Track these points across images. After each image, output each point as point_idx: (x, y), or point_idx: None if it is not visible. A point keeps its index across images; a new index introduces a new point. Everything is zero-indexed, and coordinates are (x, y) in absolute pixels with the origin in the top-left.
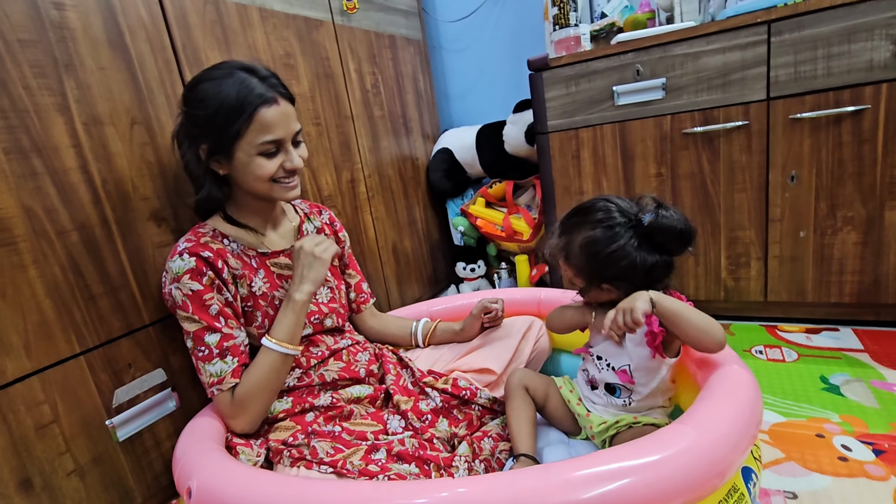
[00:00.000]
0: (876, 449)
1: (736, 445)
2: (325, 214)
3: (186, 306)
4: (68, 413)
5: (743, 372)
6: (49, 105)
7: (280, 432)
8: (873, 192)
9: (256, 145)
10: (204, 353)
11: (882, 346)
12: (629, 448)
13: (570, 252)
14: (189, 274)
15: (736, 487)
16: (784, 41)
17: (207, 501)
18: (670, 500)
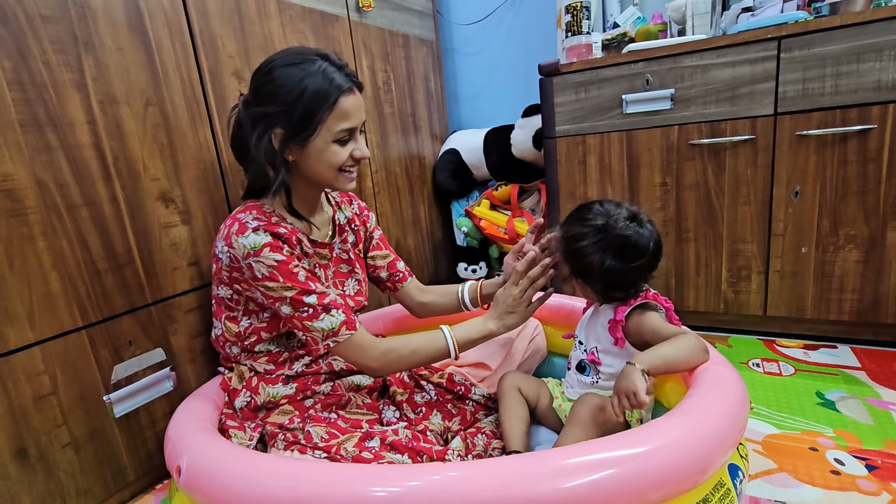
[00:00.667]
0: (869, 464)
1: (721, 442)
2: (354, 204)
3: (276, 276)
4: (67, 385)
5: (729, 372)
6: (67, 81)
7: (278, 416)
8: (876, 211)
9: (335, 132)
10: (308, 312)
11: (879, 365)
12: (617, 439)
13: (561, 243)
14: (268, 247)
15: (723, 482)
16: (793, 58)
17: (196, 480)
18: (654, 492)
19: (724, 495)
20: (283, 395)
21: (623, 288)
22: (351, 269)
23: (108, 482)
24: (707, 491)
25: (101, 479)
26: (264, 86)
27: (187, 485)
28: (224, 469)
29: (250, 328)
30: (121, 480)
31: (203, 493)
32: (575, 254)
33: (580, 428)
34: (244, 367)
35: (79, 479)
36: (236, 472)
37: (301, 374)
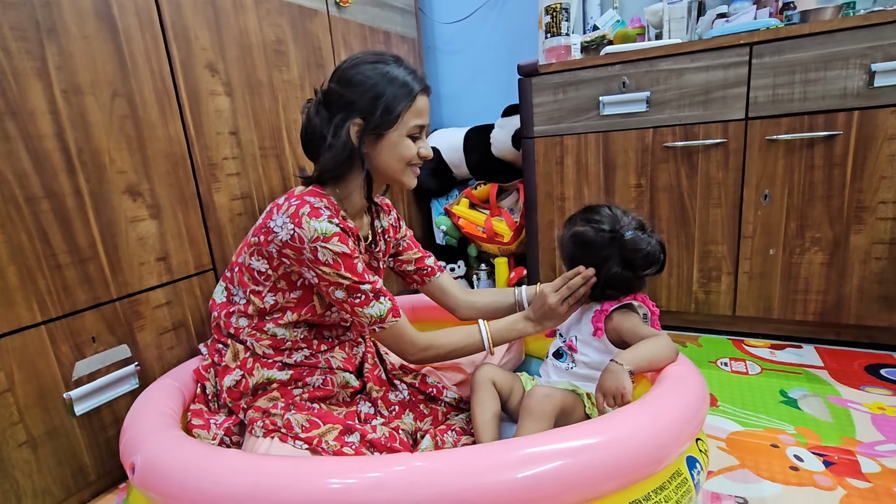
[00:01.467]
0: (826, 461)
1: (676, 435)
2: (392, 214)
3: (338, 265)
4: (24, 382)
5: (690, 370)
6: (28, 69)
7: (263, 402)
8: (841, 215)
9: (409, 127)
10: (360, 299)
11: (840, 364)
12: (576, 429)
13: (565, 238)
14: (338, 237)
15: (680, 472)
16: (765, 63)
17: (152, 479)
18: (609, 481)
19: (681, 484)
20: (276, 379)
21: (622, 291)
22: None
23: (67, 481)
24: (664, 479)
25: (61, 478)
26: (349, 78)
27: (142, 483)
28: (179, 467)
29: (277, 306)
30: (81, 480)
31: (158, 492)
32: (580, 255)
33: (532, 420)
34: (241, 345)
35: (36, 479)
36: (191, 469)
37: (298, 365)
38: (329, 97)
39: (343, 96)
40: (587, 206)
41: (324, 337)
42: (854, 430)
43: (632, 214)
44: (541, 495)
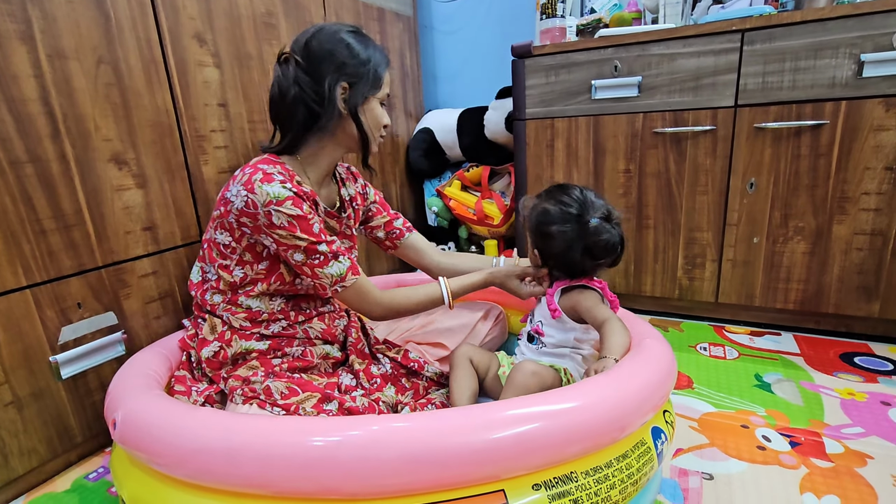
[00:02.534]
0: (792, 441)
1: (639, 405)
2: (358, 182)
3: (293, 227)
4: (9, 344)
5: (659, 345)
6: (11, 32)
7: (243, 370)
8: (824, 205)
9: (382, 95)
10: (319, 259)
11: (816, 352)
12: (543, 396)
13: (532, 212)
14: (291, 200)
15: (643, 441)
16: (755, 51)
17: (131, 434)
18: (572, 445)
19: (644, 453)
20: (255, 349)
21: (574, 275)
22: (350, 246)
23: (53, 442)
24: (628, 447)
25: (46, 438)
26: (336, 43)
27: (122, 438)
28: (156, 422)
29: (246, 279)
30: (67, 441)
31: (136, 447)
32: (541, 230)
33: (515, 391)
34: (218, 319)
35: (22, 438)
36: (168, 424)
37: (276, 336)
38: (312, 61)
39: (331, 59)
40: (561, 184)
41: (301, 308)
42: (823, 413)
43: (602, 201)
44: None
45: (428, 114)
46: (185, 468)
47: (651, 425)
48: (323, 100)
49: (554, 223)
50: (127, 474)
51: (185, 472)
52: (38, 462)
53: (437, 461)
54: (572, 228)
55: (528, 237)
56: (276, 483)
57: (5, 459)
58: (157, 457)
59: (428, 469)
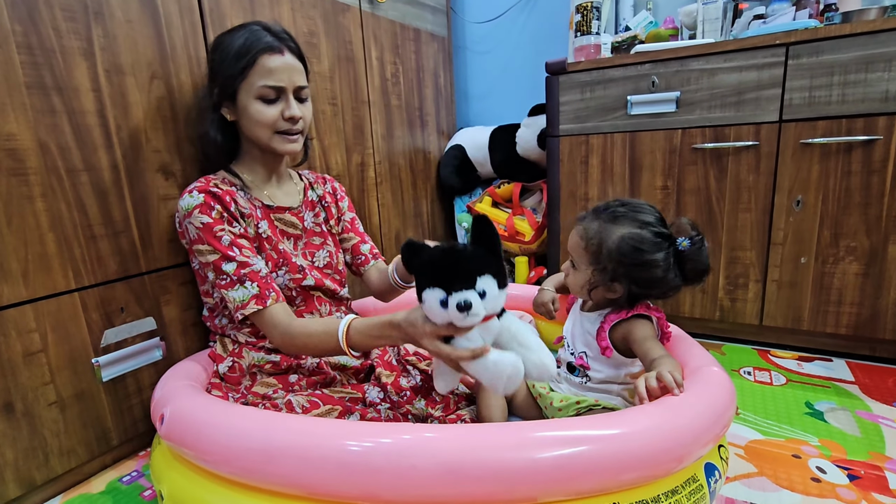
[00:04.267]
0: (851, 474)
1: (697, 436)
2: (328, 185)
3: (201, 239)
4: (56, 345)
5: (720, 373)
6: (75, 48)
7: (260, 387)
8: (878, 224)
9: (256, 88)
10: (225, 281)
11: (873, 380)
12: (594, 419)
13: (604, 241)
14: (199, 208)
15: (696, 478)
16: (801, 65)
17: (178, 427)
18: (623, 473)
19: (696, 490)
20: (268, 361)
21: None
22: (323, 242)
23: (91, 444)
24: (678, 483)
25: (85, 440)
26: (209, 53)
27: (168, 434)
28: (201, 419)
29: (222, 299)
30: (104, 444)
31: (181, 442)
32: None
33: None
34: (228, 338)
35: (63, 439)
36: (215, 421)
37: None
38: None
39: (209, 66)
40: (622, 201)
41: (302, 317)
42: (884, 445)
43: (677, 218)
44: (540, 478)
45: (460, 131)
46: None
47: (705, 461)
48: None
49: (656, 250)
50: (168, 469)
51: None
52: (76, 463)
53: (472, 475)
54: (669, 251)
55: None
56: (313, 485)
57: (46, 459)
58: (201, 453)
59: (461, 482)
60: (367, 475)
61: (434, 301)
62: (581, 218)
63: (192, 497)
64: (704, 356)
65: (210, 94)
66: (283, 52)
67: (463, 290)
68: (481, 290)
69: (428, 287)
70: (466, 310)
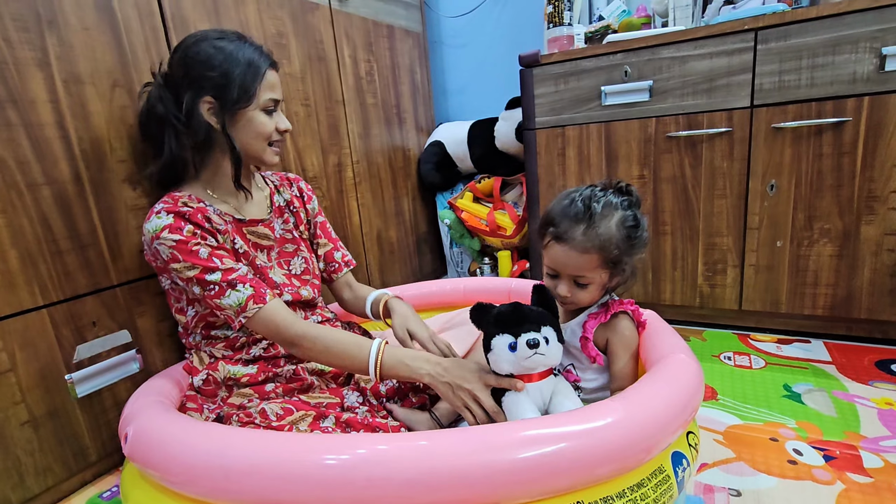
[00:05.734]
0: (827, 455)
1: (663, 427)
2: (294, 187)
3: (176, 257)
4: (26, 363)
5: (687, 361)
6: (29, 59)
7: (237, 398)
8: (851, 205)
9: (262, 101)
10: (214, 290)
11: (849, 359)
12: (555, 418)
13: (606, 239)
14: (167, 229)
15: (662, 469)
16: (770, 49)
17: (140, 447)
18: (592, 470)
19: (662, 482)
20: (245, 373)
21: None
22: (296, 248)
23: (68, 462)
24: (644, 476)
25: (62, 458)
26: (194, 56)
27: (131, 453)
28: (163, 437)
29: (196, 317)
30: (82, 461)
31: (143, 462)
32: (633, 239)
33: None
34: (204, 353)
35: (38, 457)
36: (174, 440)
37: (260, 358)
38: (172, 77)
39: (189, 75)
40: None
41: None
42: (859, 424)
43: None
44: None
45: (439, 127)
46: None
47: (672, 450)
48: (188, 118)
49: (635, 218)
50: (133, 488)
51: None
52: (53, 481)
53: (427, 483)
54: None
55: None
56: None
57: (21, 479)
58: (166, 473)
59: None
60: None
61: (503, 346)
62: (558, 237)
63: None
64: (675, 343)
65: (194, 100)
66: (276, 67)
67: (531, 331)
68: (545, 336)
69: (497, 335)
70: (535, 347)
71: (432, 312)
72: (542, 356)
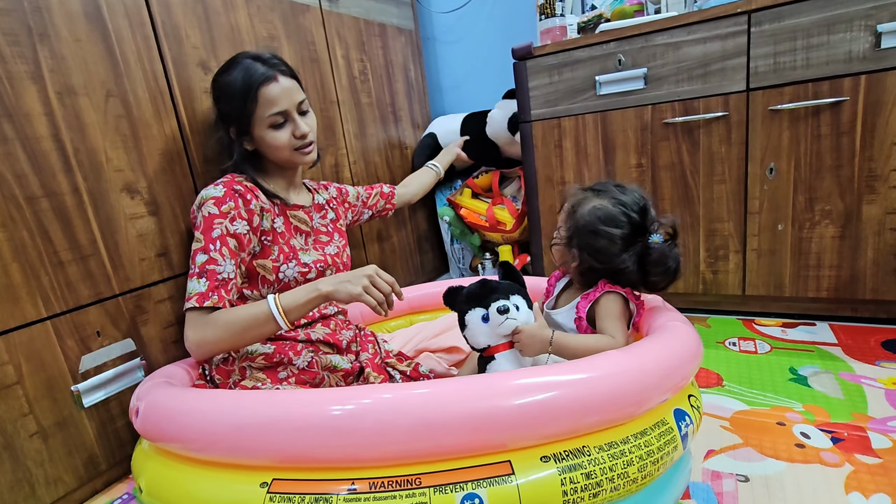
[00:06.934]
0: (835, 437)
1: (659, 381)
2: (331, 189)
3: (200, 227)
4: (32, 375)
5: (683, 326)
6: (22, 73)
7: (249, 381)
8: (851, 185)
9: (266, 119)
10: (191, 270)
11: (855, 340)
12: (554, 367)
13: (579, 206)
14: (213, 200)
15: (665, 421)
16: (764, 31)
17: (152, 418)
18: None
19: (665, 433)
20: (261, 352)
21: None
22: (329, 239)
23: (79, 471)
24: (647, 425)
25: (72, 467)
26: (213, 94)
27: (143, 426)
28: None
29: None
30: (93, 470)
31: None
32: (594, 234)
33: None
34: None
35: (48, 468)
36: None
37: (279, 338)
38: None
39: (215, 108)
40: (618, 183)
41: None
42: (866, 405)
43: (666, 215)
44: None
45: (434, 120)
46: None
47: (674, 406)
48: (230, 142)
49: (612, 226)
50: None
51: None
52: (64, 491)
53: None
54: (631, 236)
55: (568, 233)
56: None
57: (32, 490)
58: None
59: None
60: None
61: (476, 319)
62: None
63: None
64: (673, 315)
65: (227, 133)
66: (277, 77)
67: (499, 300)
68: (515, 304)
69: (469, 310)
70: (506, 312)
71: (436, 314)
72: (514, 320)
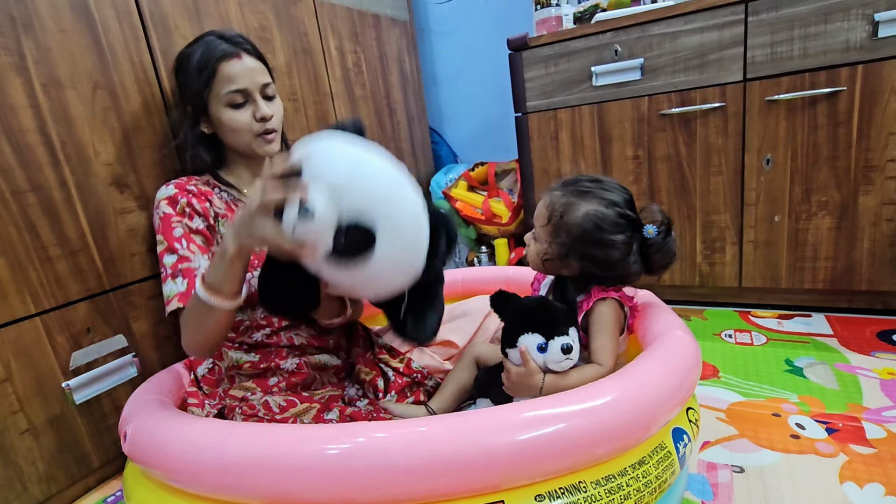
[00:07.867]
0: (829, 428)
1: (662, 403)
2: None
3: (159, 229)
4: (22, 372)
5: (684, 337)
6: (6, 64)
7: (237, 390)
8: (848, 176)
9: (222, 96)
10: (163, 273)
11: (851, 332)
12: (553, 399)
13: (568, 215)
14: (167, 200)
15: (663, 445)
16: (761, 21)
17: (140, 444)
18: (591, 449)
19: (664, 458)
20: (247, 360)
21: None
22: None
23: (71, 468)
24: (645, 453)
25: (64, 465)
26: (174, 73)
27: (130, 450)
28: (161, 434)
29: None
30: (85, 467)
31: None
32: (595, 238)
33: None
34: None
35: (40, 466)
36: (173, 437)
37: (261, 344)
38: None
39: (177, 85)
40: (593, 177)
41: None
42: (861, 396)
43: (649, 205)
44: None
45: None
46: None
47: (672, 426)
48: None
49: (615, 231)
50: (136, 486)
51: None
52: (57, 489)
53: (427, 469)
54: (632, 236)
55: (558, 244)
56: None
57: (25, 488)
58: (165, 471)
59: (417, 478)
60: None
61: (532, 345)
62: (550, 189)
63: None
64: (672, 321)
65: (184, 113)
66: (241, 55)
67: (563, 335)
68: (573, 340)
69: (526, 333)
70: (568, 353)
71: None
72: (571, 361)
